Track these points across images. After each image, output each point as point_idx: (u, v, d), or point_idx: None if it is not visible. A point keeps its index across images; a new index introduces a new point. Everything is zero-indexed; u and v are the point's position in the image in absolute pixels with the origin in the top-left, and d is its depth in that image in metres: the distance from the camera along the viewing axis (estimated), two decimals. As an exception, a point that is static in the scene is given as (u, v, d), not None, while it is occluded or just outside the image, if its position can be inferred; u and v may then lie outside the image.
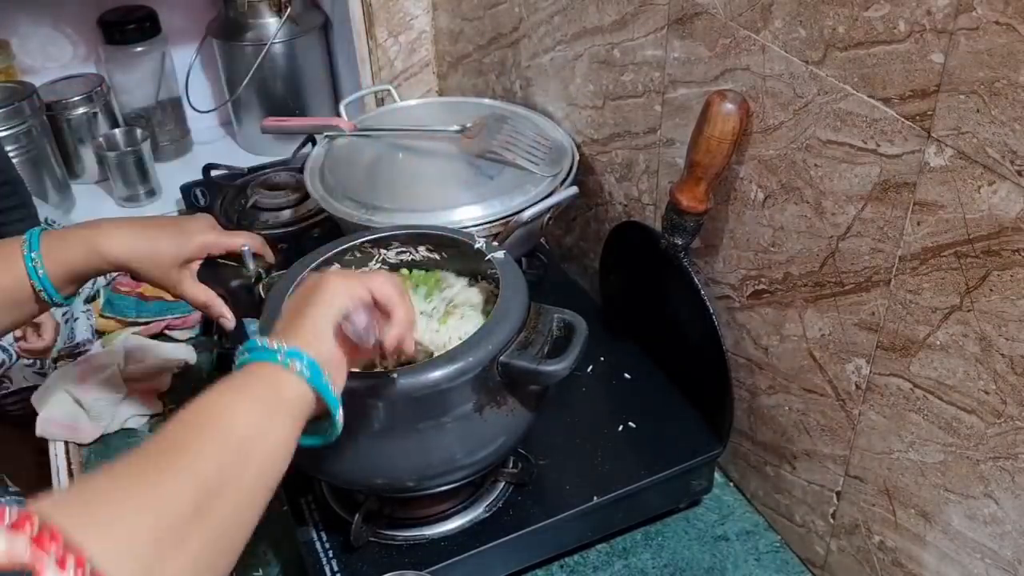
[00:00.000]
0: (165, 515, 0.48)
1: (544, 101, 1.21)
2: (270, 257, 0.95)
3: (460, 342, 0.78)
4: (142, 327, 1.23)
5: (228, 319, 0.91)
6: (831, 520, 0.87)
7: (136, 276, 0.88)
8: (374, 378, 0.75)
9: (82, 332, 1.20)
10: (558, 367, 0.76)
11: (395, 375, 0.74)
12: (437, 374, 0.74)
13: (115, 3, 1.54)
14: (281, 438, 0.59)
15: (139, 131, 1.51)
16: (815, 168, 0.76)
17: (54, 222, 1.29)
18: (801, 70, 0.74)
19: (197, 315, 1.23)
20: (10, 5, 1.51)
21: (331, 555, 0.84)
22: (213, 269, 0.93)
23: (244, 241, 0.92)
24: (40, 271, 0.82)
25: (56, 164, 1.48)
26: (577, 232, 1.24)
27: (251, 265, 0.93)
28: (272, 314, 0.82)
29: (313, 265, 0.87)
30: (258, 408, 0.59)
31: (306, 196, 1.28)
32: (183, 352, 1.19)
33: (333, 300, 0.66)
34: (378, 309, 0.69)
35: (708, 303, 0.89)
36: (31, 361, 1.16)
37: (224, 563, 0.53)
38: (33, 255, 0.82)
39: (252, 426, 0.57)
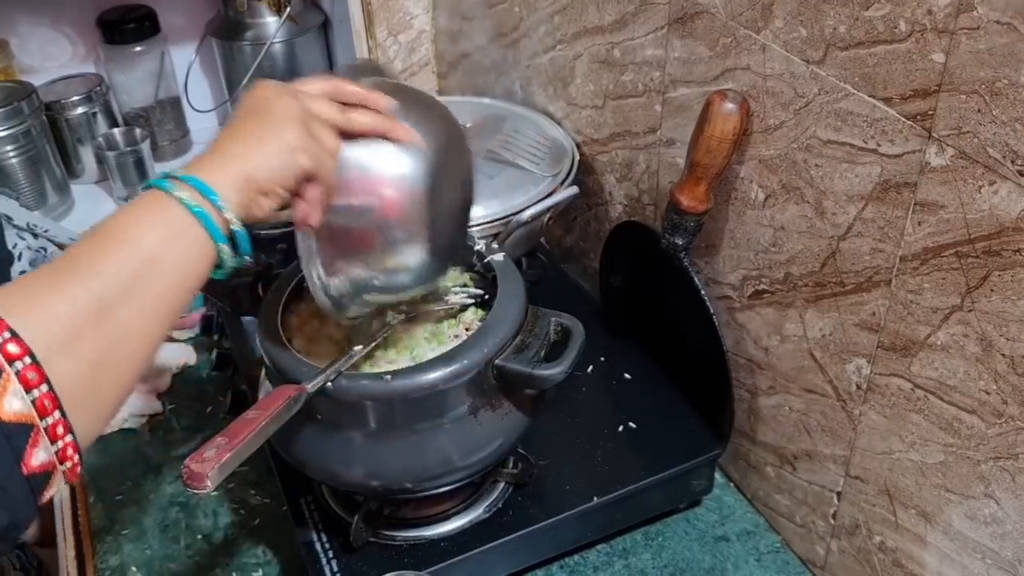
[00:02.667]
0: (71, 312, 0.53)
1: (544, 101, 1.21)
2: None
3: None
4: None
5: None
6: (832, 520, 0.86)
7: None
8: (369, 380, 0.75)
9: None
10: (553, 371, 0.76)
11: (390, 377, 0.74)
12: (432, 376, 0.74)
13: (114, 3, 1.54)
14: (181, 262, 0.58)
15: (138, 131, 1.51)
16: (816, 168, 0.75)
17: (35, 226, 1.28)
18: (802, 69, 0.74)
19: (197, 315, 1.23)
20: (9, 5, 1.51)
21: (331, 556, 0.84)
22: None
23: None
24: None
25: (55, 164, 1.48)
26: (577, 232, 1.24)
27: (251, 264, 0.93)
28: (270, 309, 0.82)
29: None
30: (160, 230, 0.57)
31: (306, 196, 1.27)
32: (183, 352, 1.19)
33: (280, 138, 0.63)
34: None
35: (708, 303, 0.88)
36: None
37: (124, 367, 0.56)
38: None
39: (152, 248, 0.56)
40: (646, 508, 0.94)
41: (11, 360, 0.49)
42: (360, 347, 0.78)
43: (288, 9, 1.50)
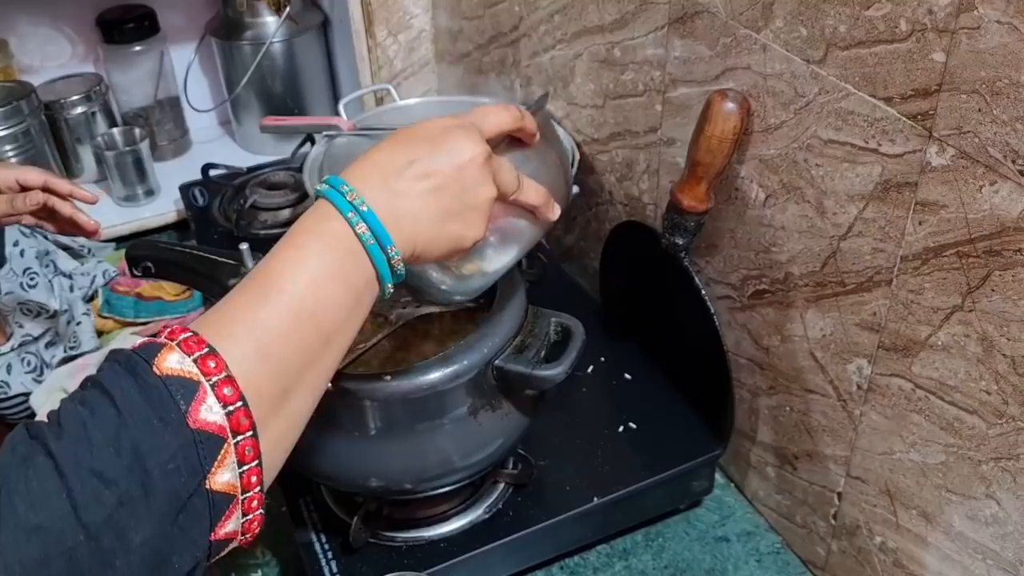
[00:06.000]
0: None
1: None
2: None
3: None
4: (140, 327, 1.22)
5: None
6: (832, 521, 0.86)
7: None
8: (369, 380, 0.75)
9: (87, 340, 1.20)
10: (553, 372, 0.76)
11: (389, 377, 0.74)
12: (432, 377, 0.74)
13: (114, 2, 1.54)
14: (341, 302, 0.56)
15: (138, 130, 1.51)
16: (816, 168, 0.75)
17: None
18: (802, 69, 0.74)
19: (197, 315, 1.22)
20: (9, 4, 1.51)
21: (330, 556, 0.84)
22: (211, 267, 0.92)
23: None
24: None
25: (54, 164, 1.47)
26: (577, 232, 1.24)
27: (250, 264, 0.93)
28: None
29: None
30: (320, 272, 0.56)
31: (305, 195, 1.28)
32: (182, 352, 1.19)
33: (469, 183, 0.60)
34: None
35: (709, 303, 0.88)
36: (31, 367, 1.16)
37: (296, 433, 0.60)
38: None
39: (310, 295, 0.55)
40: (646, 508, 0.94)
41: (208, 375, 0.50)
42: (361, 346, 0.78)
43: (288, 9, 1.50)
